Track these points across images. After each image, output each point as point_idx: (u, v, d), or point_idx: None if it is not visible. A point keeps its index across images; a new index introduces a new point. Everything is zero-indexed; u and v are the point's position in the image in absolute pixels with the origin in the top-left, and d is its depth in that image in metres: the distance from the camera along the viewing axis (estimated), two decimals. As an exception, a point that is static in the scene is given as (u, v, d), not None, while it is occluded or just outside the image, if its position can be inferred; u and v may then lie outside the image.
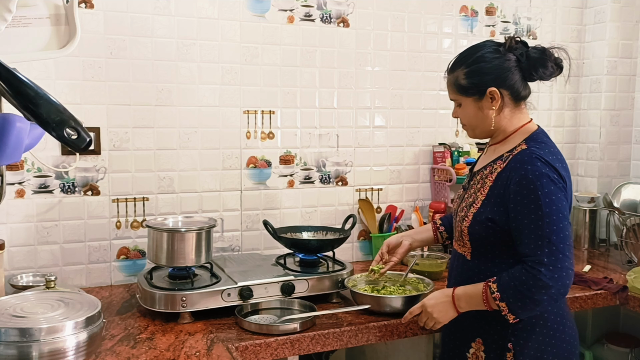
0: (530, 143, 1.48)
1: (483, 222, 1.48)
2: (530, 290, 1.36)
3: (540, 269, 1.35)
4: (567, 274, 1.37)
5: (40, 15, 1.43)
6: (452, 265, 1.68)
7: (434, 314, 1.55)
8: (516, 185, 1.42)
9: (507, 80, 1.49)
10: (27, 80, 0.96)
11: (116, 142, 2.05)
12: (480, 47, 1.53)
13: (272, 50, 2.24)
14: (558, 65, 1.51)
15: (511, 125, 1.54)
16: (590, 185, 2.80)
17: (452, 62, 1.57)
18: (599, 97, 2.75)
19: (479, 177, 1.57)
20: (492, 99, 1.50)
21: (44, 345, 1.26)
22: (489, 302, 1.44)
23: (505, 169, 1.47)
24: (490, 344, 1.51)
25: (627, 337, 2.48)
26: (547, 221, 1.37)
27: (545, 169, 1.40)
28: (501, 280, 1.42)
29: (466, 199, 1.58)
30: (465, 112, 1.56)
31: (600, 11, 2.73)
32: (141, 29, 2.05)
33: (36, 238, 1.98)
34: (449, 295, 1.53)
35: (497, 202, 1.46)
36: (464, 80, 1.52)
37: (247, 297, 1.76)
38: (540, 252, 1.37)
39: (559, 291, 1.37)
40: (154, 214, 2.12)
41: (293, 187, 2.34)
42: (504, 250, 1.48)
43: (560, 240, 1.37)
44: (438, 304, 1.54)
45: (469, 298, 1.48)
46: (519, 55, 1.50)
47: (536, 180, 1.39)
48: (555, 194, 1.39)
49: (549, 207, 1.37)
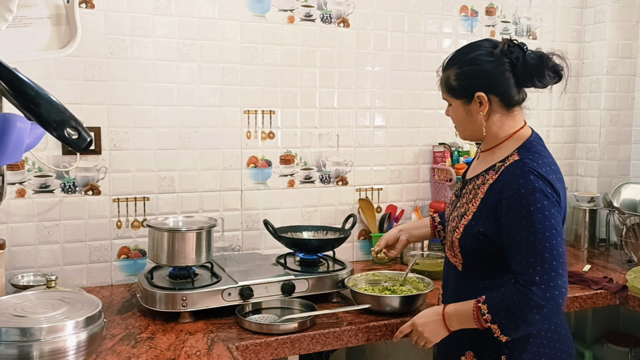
0: (523, 153, 1.41)
1: (475, 235, 1.43)
2: (522, 310, 1.32)
3: (532, 288, 1.30)
4: (560, 292, 1.32)
5: (40, 15, 1.43)
6: (446, 273, 1.63)
7: (425, 333, 1.50)
8: (508, 200, 1.36)
9: (497, 87, 1.42)
10: (27, 80, 0.96)
11: (117, 141, 2.05)
12: (475, 47, 1.47)
13: (272, 50, 2.24)
14: (556, 73, 1.42)
15: (502, 131, 1.47)
16: (590, 185, 2.80)
17: (447, 59, 1.52)
18: (598, 97, 2.75)
19: (470, 187, 1.51)
20: (480, 103, 1.44)
21: (44, 345, 1.27)
22: (481, 322, 1.39)
23: (497, 181, 1.42)
24: (483, 357, 1.47)
25: (627, 336, 2.48)
26: (540, 238, 1.31)
27: (539, 182, 1.34)
28: (492, 302, 1.37)
29: (458, 209, 1.53)
30: (455, 113, 1.52)
31: (600, 11, 2.73)
32: (142, 29, 2.05)
33: (37, 238, 1.99)
34: (439, 313, 1.48)
35: (490, 215, 1.41)
36: (454, 82, 1.47)
37: (247, 296, 1.76)
38: (532, 271, 1.31)
39: (551, 310, 1.32)
40: (155, 213, 2.12)
41: (293, 187, 2.34)
42: (495, 264, 1.43)
43: (554, 257, 1.31)
44: (429, 322, 1.50)
45: (460, 317, 1.44)
46: (515, 60, 1.41)
47: (529, 195, 1.33)
48: (549, 209, 1.33)
49: (541, 223, 1.32)
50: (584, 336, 2.57)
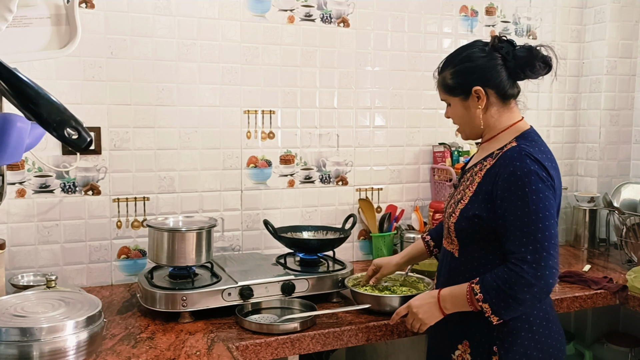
0: (520, 141, 1.48)
1: (470, 218, 1.47)
2: (512, 288, 1.35)
3: (523, 267, 1.34)
4: (551, 272, 1.35)
5: (41, 15, 1.43)
6: (440, 263, 1.67)
7: (420, 315, 1.52)
8: (504, 182, 1.41)
9: (492, 79, 1.49)
10: (27, 80, 0.96)
11: (117, 141, 2.05)
12: (467, 47, 1.55)
13: (272, 50, 2.24)
14: (546, 64, 1.50)
15: (500, 123, 1.53)
16: (590, 185, 2.80)
17: (441, 63, 1.60)
18: (598, 97, 2.75)
19: (469, 175, 1.57)
20: (477, 98, 1.51)
21: (44, 345, 1.27)
22: (474, 303, 1.42)
23: (495, 165, 1.47)
24: (476, 347, 1.49)
25: (627, 336, 2.48)
26: (533, 218, 1.36)
27: (534, 166, 1.39)
28: (484, 281, 1.41)
29: (455, 197, 1.58)
30: (455, 112, 1.58)
31: (600, 11, 2.73)
32: (142, 29, 2.05)
33: (37, 238, 1.99)
34: (434, 296, 1.51)
35: (485, 198, 1.46)
36: (450, 80, 1.54)
37: (247, 296, 1.76)
38: (525, 249, 1.35)
39: (541, 290, 1.35)
40: (155, 213, 2.12)
41: (293, 187, 2.34)
42: (490, 248, 1.47)
43: (546, 238, 1.35)
44: (423, 304, 1.53)
45: (454, 299, 1.47)
46: (505, 54, 1.49)
47: (524, 177, 1.38)
48: (543, 191, 1.38)
49: (536, 205, 1.36)
50: (584, 336, 2.57)
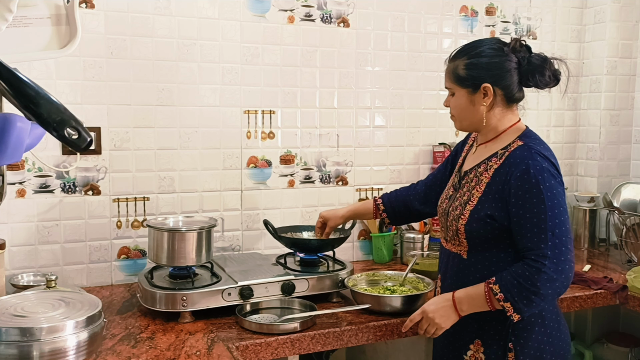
0: (525, 139, 1.50)
1: (481, 218, 1.48)
2: (535, 285, 1.36)
3: (545, 262, 1.36)
4: (570, 266, 1.39)
5: (41, 15, 1.43)
6: (445, 266, 1.64)
7: (436, 319, 1.51)
8: (517, 180, 1.43)
9: (503, 80, 1.50)
10: (27, 80, 0.96)
11: (117, 141, 2.05)
12: (485, 42, 1.55)
13: (272, 50, 2.24)
14: (555, 77, 1.52)
15: (501, 124, 1.55)
16: (590, 185, 2.80)
17: (455, 51, 1.59)
18: (598, 97, 2.75)
19: (472, 176, 1.56)
20: (484, 94, 1.51)
21: (44, 345, 1.27)
22: (493, 303, 1.42)
23: (503, 164, 1.48)
24: (490, 345, 1.50)
25: (627, 336, 2.48)
26: (549, 214, 1.39)
27: (545, 163, 1.43)
28: (503, 281, 1.41)
29: (459, 198, 1.57)
30: (457, 102, 1.56)
31: (600, 11, 2.73)
32: (142, 29, 2.05)
33: (37, 238, 1.99)
34: (449, 299, 1.50)
35: (496, 198, 1.47)
36: (462, 71, 1.53)
37: (247, 296, 1.76)
38: (544, 246, 1.38)
39: (562, 284, 1.38)
40: (155, 213, 2.12)
41: (293, 187, 2.34)
42: (501, 248, 1.48)
43: (562, 233, 1.39)
44: (439, 308, 1.51)
45: (471, 300, 1.46)
46: (521, 59, 1.51)
47: (538, 175, 1.40)
48: (556, 188, 1.41)
49: (551, 201, 1.39)
50: (584, 336, 2.57)
